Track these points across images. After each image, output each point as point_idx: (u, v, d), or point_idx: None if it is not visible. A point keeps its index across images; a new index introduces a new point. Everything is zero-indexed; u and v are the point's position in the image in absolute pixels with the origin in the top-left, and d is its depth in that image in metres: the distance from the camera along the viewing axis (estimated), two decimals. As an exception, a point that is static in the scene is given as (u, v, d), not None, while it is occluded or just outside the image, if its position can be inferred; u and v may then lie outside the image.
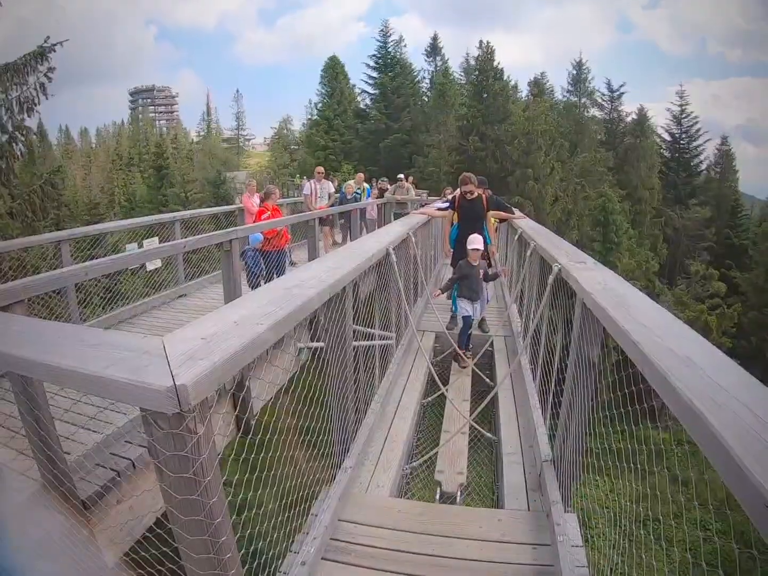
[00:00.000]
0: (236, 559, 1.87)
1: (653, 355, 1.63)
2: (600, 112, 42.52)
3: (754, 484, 0.98)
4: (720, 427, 1.16)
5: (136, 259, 5.65)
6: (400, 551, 3.09)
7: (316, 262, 3.44)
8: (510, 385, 5.77)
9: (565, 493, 3.26)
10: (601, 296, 2.48)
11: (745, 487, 1.01)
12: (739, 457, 1.05)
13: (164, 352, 1.57)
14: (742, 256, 34.79)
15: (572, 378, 3.19)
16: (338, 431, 3.55)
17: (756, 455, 1.04)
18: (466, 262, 6.35)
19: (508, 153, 33.42)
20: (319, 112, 47.50)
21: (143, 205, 35.91)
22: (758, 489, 0.97)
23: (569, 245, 4.65)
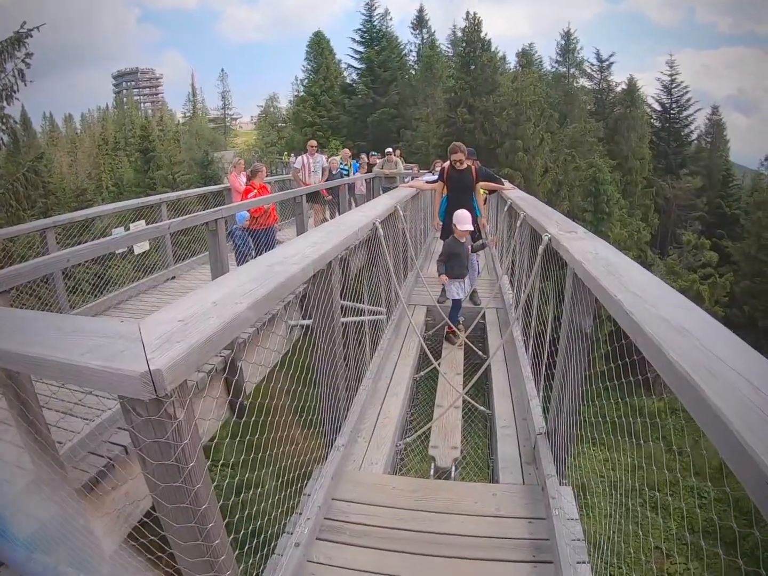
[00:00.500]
0: (226, 544, 1.84)
1: (646, 325, 1.57)
2: (589, 82, 42.31)
3: (755, 460, 0.92)
4: (717, 399, 1.10)
5: (118, 243, 5.55)
6: (394, 528, 3.08)
7: (300, 238, 3.36)
8: (503, 357, 5.75)
9: (560, 466, 3.24)
10: (592, 265, 2.42)
11: (745, 463, 0.96)
12: (738, 431, 0.99)
13: (140, 337, 1.51)
14: (734, 225, 34.94)
15: (565, 349, 3.16)
16: (329, 409, 3.52)
17: (755, 429, 0.98)
18: (453, 240, 6.17)
19: (496, 125, 33.09)
20: (305, 89, 46.99)
21: (131, 189, 35.51)
22: (759, 465, 0.91)
23: (559, 215, 4.57)
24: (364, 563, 2.82)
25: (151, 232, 6.35)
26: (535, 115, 33.27)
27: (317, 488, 3.17)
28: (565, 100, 38.92)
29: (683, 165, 40.43)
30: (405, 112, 40.20)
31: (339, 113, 43.63)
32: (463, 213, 6.05)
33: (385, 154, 14.74)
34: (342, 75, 47.70)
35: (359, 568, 2.78)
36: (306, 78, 47.57)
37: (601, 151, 35.75)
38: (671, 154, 41.06)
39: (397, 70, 43.85)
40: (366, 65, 44.24)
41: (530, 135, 32.46)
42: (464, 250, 6.21)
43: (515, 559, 2.80)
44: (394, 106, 41.53)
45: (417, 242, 9.55)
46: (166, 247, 9.20)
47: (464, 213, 6.05)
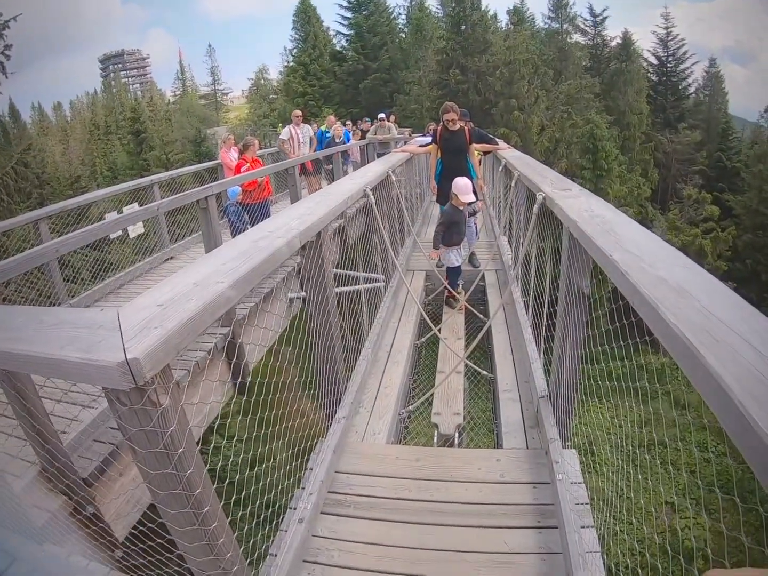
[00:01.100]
0: (224, 527, 1.83)
1: (643, 286, 1.50)
2: (583, 38, 41.41)
3: (757, 432, 0.86)
4: (718, 365, 1.03)
5: (107, 228, 5.44)
6: (399, 499, 3.07)
7: (286, 210, 3.27)
8: (504, 319, 5.71)
9: (563, 429, 3.22)
10: (587, 224, 2.34)
11: (746, 434, 0.89)
12: (741, 401, 0.92)
13: (118, 325, 1.46)
14: (735, 178, 34.51)
15: (563, 311, 3.11)
16: (328, 382, 3.50)
17: (759, 399, 0.91)
18: (453, 208, 5.98)
19: (490, 84, 32.56)
20: (294, 59, 46.11)
21: (125, 172, 35.24)
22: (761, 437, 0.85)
23: (554, 173, 4.47)
24: (369, 535, 2.82)
25: (141, 214, 6.24)
26: (529, 73, 32.74)
27: (319, 462, 3.16)
28: (559, 56, 38.19)
29: (682, 119, 39.86)
30: (397, 77, 39.61)
31: (330, 81, 42.95)
32: (465, 182, 5.80)
33: (378, 119, 14.45)
34: (331, 42, 46.79)
35: (365, 541, 2.78)
36: (295, 48, 46.67)
37: (598, 107, 35.21)
38: (669, 108, 40.46)
39: (387, 35, 42.96)
40: (355, 31, 43.37)
41: (525, 93, 31.98)
42: (463, 217, 6.07)
43: (520, 525, 2.79)
44: (386, 70, 40.88)
45: (413, 207, 9.44)
46: (161, 228, 9.11)
47: (465, 182, 5.80)
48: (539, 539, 2.69)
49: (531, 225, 3.94)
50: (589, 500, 2.78)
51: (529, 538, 2.71)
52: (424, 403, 4.76)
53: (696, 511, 12.30)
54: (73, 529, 3.25)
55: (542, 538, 2.69)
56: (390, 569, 2.60)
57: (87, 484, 3.47)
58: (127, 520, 3.71)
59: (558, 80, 35.71)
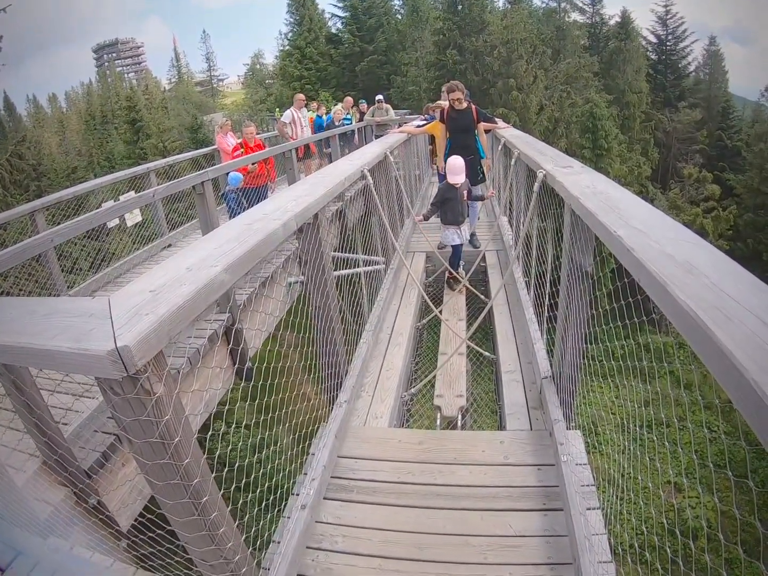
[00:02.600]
0: (225, 516, 1.81)
1: (650, 262, 1.45)
2: (581, 16, 40.94)
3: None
4: (731, 344, 0.98)
5: (101, 217, 5.39)
6: (402, 483, 3.06)
7: (283, 192, 3.23)
8: (505, 300, 5.66)
9: (567, 410, 3.19)
10: (589, 200, 2.29)
11: (761, 414, 0.85)
12: (755, 381, 0.87)
13: (109, 313, 1.43)
14: (735, 158, 34.25)
15: (566, 290, 3.07)
16: (329, 366, 3.48)
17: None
18: (446, 185, 5.86)
19: (488, 64, 32.22)
20: (290, 42, 45.67)
21: (122, 161, 35.03)
22: None
23: (554, 150, 4.40)
24: (372, 520, 2.80)
25: (136, 201, 6.19)
26: (527, 53, 32.38)
27: (321, 447, 3.14)
28: (558, 35, 37.81)
29: (682, 97, 39.53)
30: (394, 58, 39.28)
31: (326, 64, 42.57)
32: (455, 162, 5.69)
33: (375, 102, 14.30)
34: (326, 25, 46.36)
35: (368, 526, 2.77)
36: (290, 31, 46.23)
37: (597, 86, 34.88)
38: (669, 86, 40.09)
39: (383, 16, 42.50)
40: (350, 13, 42.86)
41: (523, 73, 31.65)
42: (458, 195, 5.88)
43: (525, 508, 2.77)
44: (382, 52, 40.51)
45: (412, 188, 9.36)
46: (159, 216, 9.05)
47: (456, 163, 5.69)
48: (544, 522, 2.67)
49: (531, 204, 3.89)
50: (595, 482, 2.75)
51: (534, 520, 2.69)
52: (427, 385, 4.73)
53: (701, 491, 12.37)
54: (77, 521, 3.24)
55: (547, 520, 2.67)
56: (394, 554, 2.59)
57: (89, 475, 3.45)
58: (132, 509, 3.71)
59: (556, 59, 35.37)
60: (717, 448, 12.65)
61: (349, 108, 14.01)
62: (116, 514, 3.54)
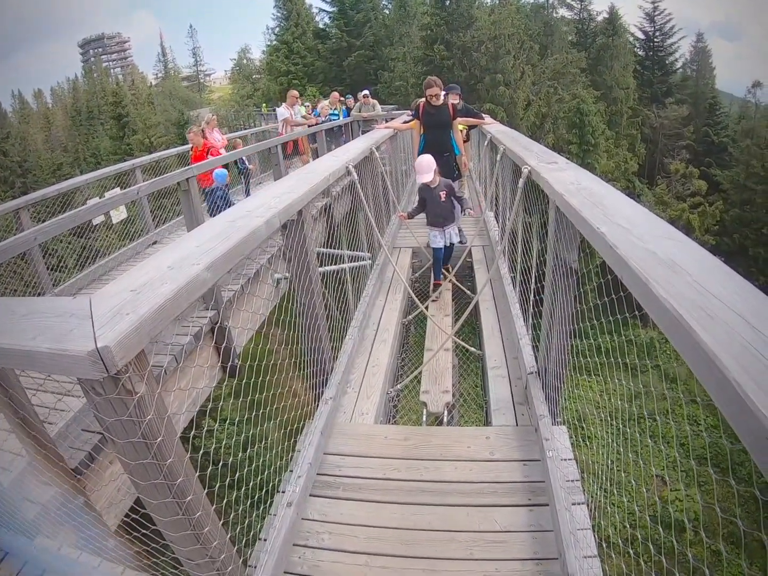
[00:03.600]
0: (209, 515, 1.81)
1: (633, 260, 1.45)
2: (569, 12, 41.17)
3: (754, 411, 0.82)
4: (713, 343, 0.99)
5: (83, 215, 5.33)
6: (388, 479, 3.06)
7: (266, 189, 3.21)
8: (491, 295, 5.66)
9: (552, 406, 3.20)
10: (573, 197, 2.29)
11: (743, 415, 0.85)
12: (737, 380, 0.88)
13: (90, 313, 1.41)
14: (722, 153, 34.70)
15: (551, 285, 3.07)
16: (315, 363, 3.47)
17: (755, 377, 0.87)
18: (423, 185, 5.70)
19: (475, 60, 32.24)
20: (277, 37, 45.52)
21: (108, 158, 34.84)
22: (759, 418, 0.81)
23: (540, 146, 4.41)
24: (359, 517, 2.80)
25: (120, 198, 6.13)
26: (515, 48, 32.46)
27: (307, 444, 3.14)
28: (545, 31, 37.98)
29: (669, 94, 39.84)
30: (381, 53, 39.23)
31: (314, 59, 42.44)
32: (420, 161, 5.54)
33: (361, 97, 14.20)
34: (314, 20, 46.21)
35: (354, 523, 2.77)
36: (277, 26, 46.12)
37: (585, 81, 35.05)
38: (656, 83, 40.36)
39: (371, 11, 42.39)
40: (338, 8, 42.72)
41: (511, 68, 31.73)
42: (434, 195, 5.66)
43: (511, 503, 2.78)
44: (370, 47, 40.43)
45: (398, 184, 9.35)
46: (144, 213, 8.98)
47: (420, 161, 5.53)
48: (530, 517, 2.68)
49: (517, 199, 3.90)
50: (580, 477, 2.77)
51: (520, 516, 2.70)
52: (413, 381, 4.73)
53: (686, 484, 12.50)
54: (65, 521, 3.22)
55: (533, 516, 2.69)
56: (380, 550, 2.59)
57: (76, 474, 3.43)
58: (119, 508, 3.69)
59: (544, 55, 35.51)
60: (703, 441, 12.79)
61: (336, 103, 13.91)
62: (104, 512, 3.52)
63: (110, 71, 79.31)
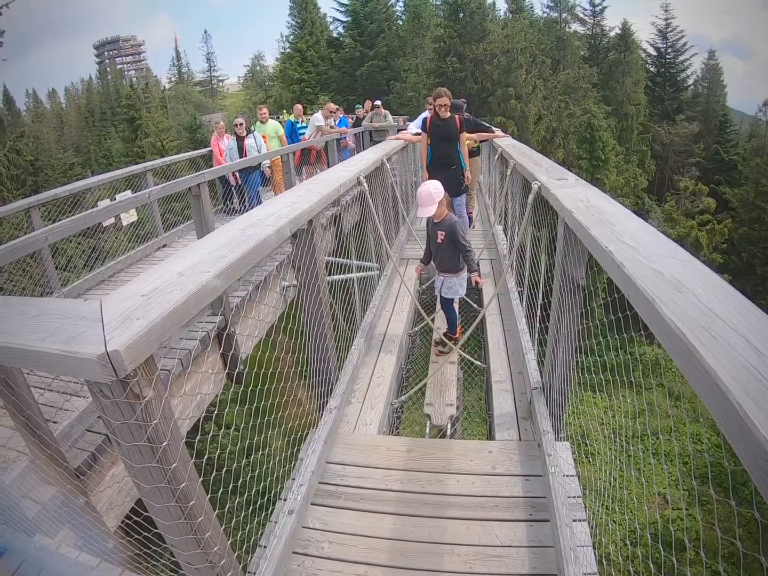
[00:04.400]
0: (211, 520, 1.82)
1: (639, 279, 1.46)
2: (582, 27, 41.40)
3: (755, 434, 0.82)
4: (716, 364, 0.99)
5: (95, 217, 5.37)
6: (390, 490, 3.06)
7: (277, 198, 3.23)
8: (498, 309, 5.67)
9: (556, 422, 3.20)
10: (582, 214, 2.30)
11: (744, 437, 0.86)
12: (738, 402, 0.88)
13: (100, 316, 1.42)
14: (732, 171, 34.59)
15: (558, 301, 3.07)
16: (320, 372, 3.48)
17: (757, 401, 0.87)
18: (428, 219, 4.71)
19: (487, 73, 32.44)
20: (291, 45, 46.01)
21: (120, 159, 35.15)
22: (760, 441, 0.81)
23: (550, 162, 4.41)
24: (359, 527, 2.80)
25: (131, 202, 6.18)
26: (527, 62, 32.62)
27: (310, 453, 3.14)
28: (558, 45, 38.10)
29: (680, 110, 39.91)
30: (394, 64, 39.49)
31: (327, 68, 42.74)
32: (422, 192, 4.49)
33: (373, 107, 14.19)
34: (328, 29, 46.68)
35: (355, 533, 2.77)
36: (291, 34, 46.61)
37: (596, 97, 35.18)
38: (667, 99, 40.46)
39: (384, 22, 42.71)
40: (352, 18, 43.10)
41: (522, 82, 31.89)
42: (434, 233, 4.70)
43: (511, 518, 2.78)
44: (383, 58, 40.70)
45: (408, 195, 9.38)
46: (154, 216, 9.03)
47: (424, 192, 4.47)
48: (531, 532, 2.67)
49: (526, 215, 3.91)
50: (582, 493, 2.76)
51: (520, 531, 2.69)
52: (417, 393, 4.73)
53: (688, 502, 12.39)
54: (65, 520, 3.23)
55: (534, 531, 2.68)
56: (380, 561, 2.59)
57: (78, 475, 3.44)
58: (120, 509, 3.70)
59: (556, 69, 35.62)
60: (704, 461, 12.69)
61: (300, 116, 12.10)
62: (104, 514, 3.52)
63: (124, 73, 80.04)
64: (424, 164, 6.49)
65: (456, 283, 4.79)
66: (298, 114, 11.92)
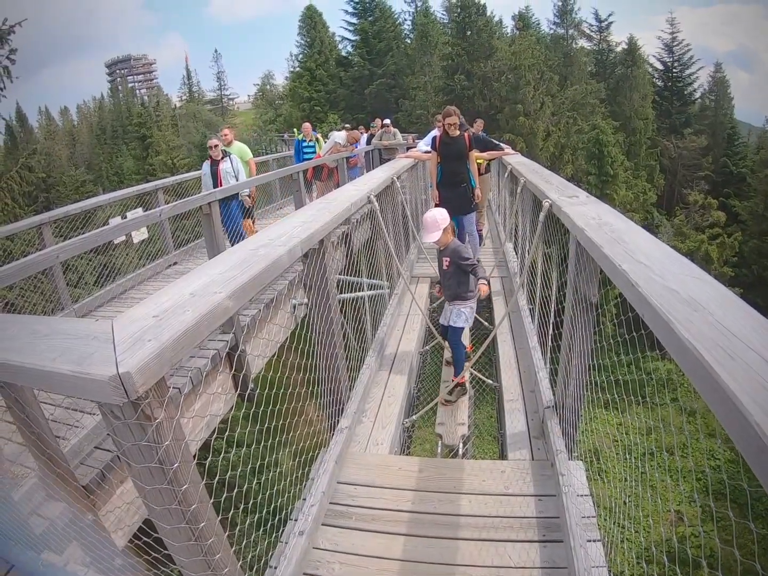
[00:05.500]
0: (222, 541, 1.80)
1: (653, 298, 1.44)
2: (589, 43, 41.74)
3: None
4: (734, 384, 0.96)
5: (107, 234, 5.40)
6: (401, 511, 3.02)
7: (288, 218, 3.23)
8: (509, 327, 5.63)
9: (569, 441, 3.16)
10: (594, 232, 2.29)
11: (763, 458, 0.84)
12: (758, 423, 0.86)
13: (112, 336, 1.42)
14: (741, 184, 34.49)
15: (570, 320, 3.05)
16: (331, 392, 3.46)
17: None
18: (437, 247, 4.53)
19: (495, 90, 32.68)
20: (300, 64, 46.68)
21: (131, 177, 35.60)
22: None
23: (560, 179, 4.41)
24: (370, 548, 2.77)
25: (142, 220, 6.24)
26: (535, 79, 32.80)
27: (320, 473, 3.11)
28: (565, 62, 38.42)
29: (687, 124, 39.97)
30: (402, 82, 39.89)
31: (336, 87, 43.21)
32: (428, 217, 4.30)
33: (383, 125, 14.25)
34: (337, 48, 47.30)
35: (365, 554, 2.73)
36: (301, 53, 47.36)
37: (604, 112, 35.32)
38: (675, 113, 40.54)
39: (392, 40, 43.23)
40: (360, 37, 43.61)
41: (530, 99, 32.04)
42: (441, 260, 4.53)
43: (524, 539, 2.73)
44: (391, 76, 41.16)
45: (418, 213, 9.41)
46: (165, 234, 9.09)
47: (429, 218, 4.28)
48: (544, 553, 2.63)
49: (537, 232, 3.90)
50: (596, 513, 2.72)
51: (533, 552, 2.65)
52: (428, 412, 4.69)
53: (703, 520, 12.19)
54: (72, 537, 3.21)
55: (547, 552, 2.63)
56: (391, 583, 2.55)
57: (87, 493, 3.42)
58: (128, 528, 3.67)
59: (563, 86, 35.82)
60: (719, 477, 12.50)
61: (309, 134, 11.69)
62: (112, 532, 3.51)
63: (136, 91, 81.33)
64: (434, 183, 6.49)
65: (464, 312, 4.51)
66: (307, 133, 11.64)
